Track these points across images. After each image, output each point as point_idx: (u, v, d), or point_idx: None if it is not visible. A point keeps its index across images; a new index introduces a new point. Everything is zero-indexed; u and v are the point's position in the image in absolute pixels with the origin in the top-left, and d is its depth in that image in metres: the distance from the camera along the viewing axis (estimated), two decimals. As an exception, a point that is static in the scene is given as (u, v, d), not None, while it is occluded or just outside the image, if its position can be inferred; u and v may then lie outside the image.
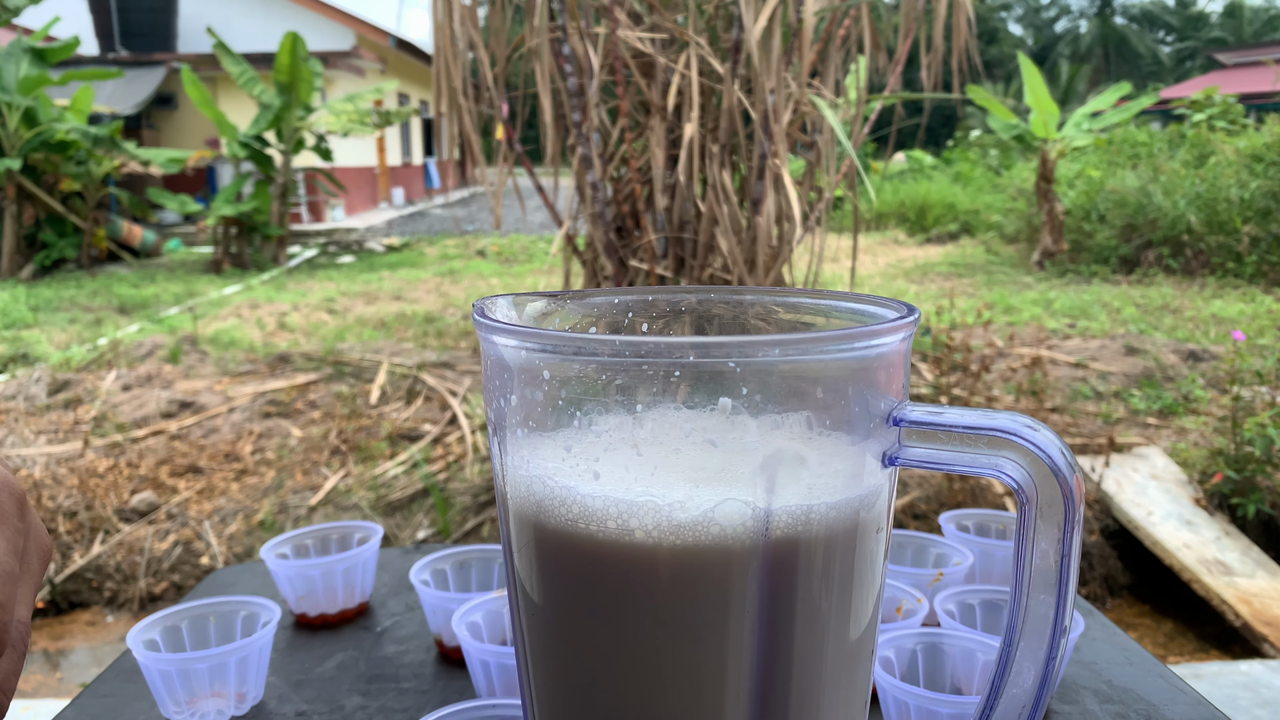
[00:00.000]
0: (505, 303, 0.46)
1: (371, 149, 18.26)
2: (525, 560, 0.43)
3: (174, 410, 4.89)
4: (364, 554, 0.92)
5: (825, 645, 0.41)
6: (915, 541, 0.92)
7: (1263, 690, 2.63)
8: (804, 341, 0.38)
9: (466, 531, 3.78)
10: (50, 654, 3.35)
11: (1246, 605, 3.09)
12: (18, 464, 4.18)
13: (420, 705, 0.77)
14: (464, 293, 8.41)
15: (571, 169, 3.24)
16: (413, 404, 4.88)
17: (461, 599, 0.81)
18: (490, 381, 0.43)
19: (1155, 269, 8.68)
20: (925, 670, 0.73)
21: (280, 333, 6.74)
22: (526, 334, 0.40)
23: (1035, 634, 0.41)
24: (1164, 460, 3.98)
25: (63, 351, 6.07)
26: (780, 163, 2.93)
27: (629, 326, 0.50)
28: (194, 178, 14.46)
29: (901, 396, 0.41)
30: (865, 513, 0.41)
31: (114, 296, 8.54)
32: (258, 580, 1.02)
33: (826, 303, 0.48)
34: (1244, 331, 4.71)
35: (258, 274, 10.30)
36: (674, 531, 0.38)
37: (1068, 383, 4.97)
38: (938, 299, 7.05)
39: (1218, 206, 8.55)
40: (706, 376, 0.38)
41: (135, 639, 0.75)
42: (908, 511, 3.71)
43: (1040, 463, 0.38)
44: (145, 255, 11.74)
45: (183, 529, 3.84)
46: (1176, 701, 0.75)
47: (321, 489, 4.05)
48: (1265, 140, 8.96)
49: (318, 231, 14.41)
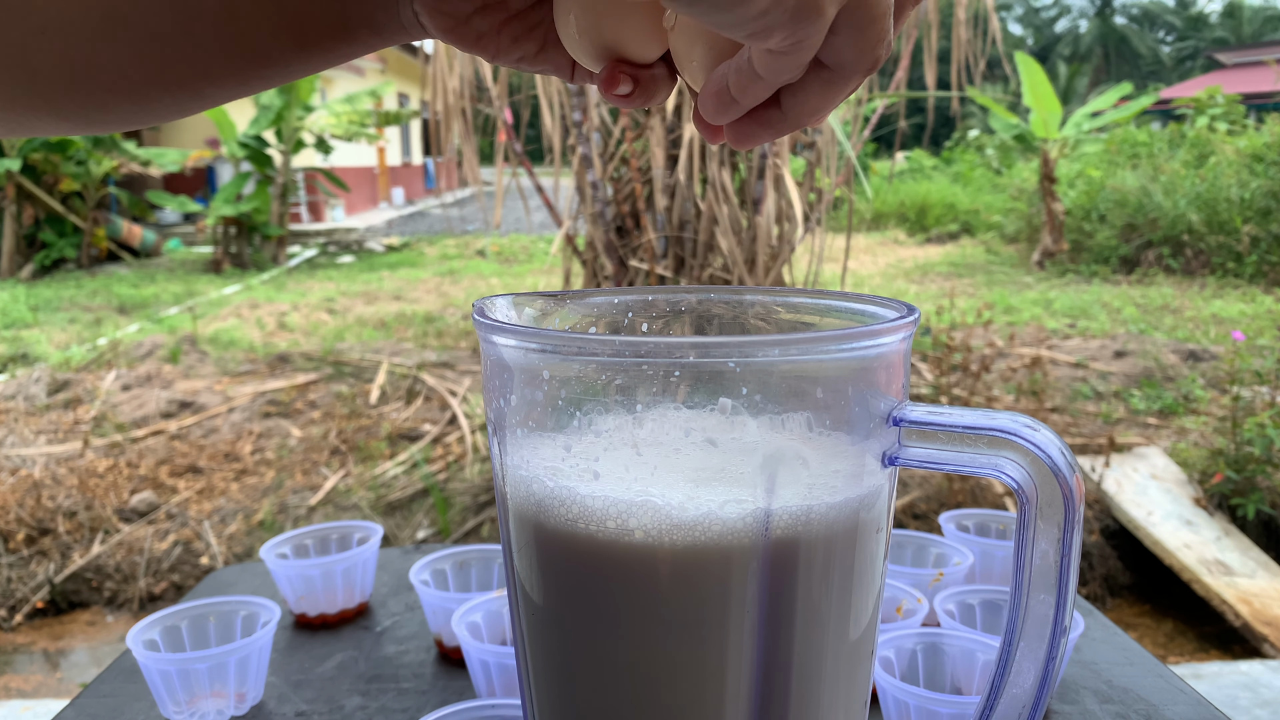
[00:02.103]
0: (505, 303, 0.46)
1: (371, 149, 18.26)
2: (525, 560, 0.43)
3: (174, 410, 4.89)
4: (364, 554, 0.92)
5: (825, 645, 0.41)
6: (915, 541, 0.92)
7: (1263, 690, 2.63)
8: (804, 341, 0.38)
9: (466, 531, 3.79)
10: (50, 654, 3.35)
11: (1246, 605, 3.09)
12: (17, 464, 4.18)
13: (420, 705, 0.77)
14: (464, 293, 8.41)
15: (572, 169, 3.24)
16: (412, 404, 4.88)
17: (461, 599, 0.81)
18: (490, 381, 0.43)
19: (1155, 269, 8.68)
20: (925, 670, 0.73)
21: (280, 333, 6.74)
22: (526, 334, 0.40)
23: (1035, 634, 0.41)
24: (1164, 460, 3.98)
25: (62, 351, 6.07)
26: (781, 163, 2.93)
27: (629, 326, 0.50)
28: (193, 178, 14.45)
29: (901, 396, 0.41)
30: (865, 513, 0.41)
31: (114, 296, 8.54)
32: (258, 580, 1.02)
33: (826, 303, 0.48)
34: (1244, 331, 4.71)
35: (257, 274, 10.30)
36: (674, 531, 0.38)
37: (1068, 383, 4.97)
38: (938, 299, 7.05)
39: (1218, 206, 8.55)
40: (706, 376, 0.38)
41: (135, 639, 0.75)
42: (908, 511, 3.71)
43: (1040, 463, 0.38)
44: (145, 255, 11.74)
45: (182, 529, 3.84)
46: (1176, 701, 0.75)
47: (321, 489, 4.05)
48: (1265, 140, 8.96)
49: (317, 231, 14.41)
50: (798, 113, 0.36)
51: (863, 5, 0.31)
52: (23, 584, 3.60)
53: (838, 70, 0.34)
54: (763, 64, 0.33)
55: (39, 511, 3.85)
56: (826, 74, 0.34)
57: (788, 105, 0.36)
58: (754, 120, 0.37)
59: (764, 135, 0.37)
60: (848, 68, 0.33)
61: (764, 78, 0.34)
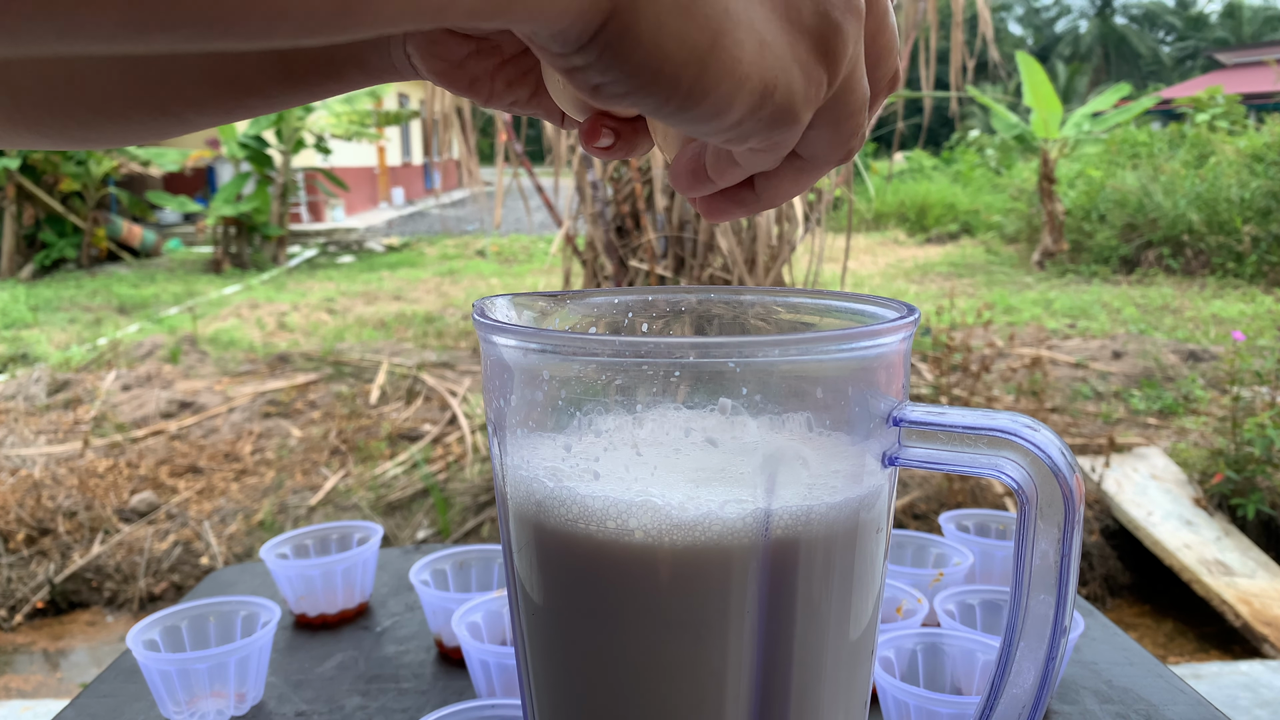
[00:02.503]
0: (505, 303, 0.46)
1: (371, 149, 18.27)
2: (525, 560, 0.43)
3: (174, 410, 4.89)
4: (364, 554, 0.92)
5: (825, 645, 0.41)
6: (915, 541, 0.92)
7: (1263, 690, 2.63)
8: (804, 341, 0.38)
9: (466, 531, 3.79)
10: (50, 654, 3.35)
11: (1246, 605, 3.09)
12: (17, 464, 4.18)
13: (420, 705, 0.77)
14: (464, 293, 8.41)
15: (572, 169, 3.24)
16: (412, 404, 4.88)
17: (461, 599, 0.81)
18: (490, 381, 0.43)
19: (1155, 269, 8.68)
20: (925, 670, 0.73)
21: (280, 333, 6.74)
22: (526, 334, 0.40)
23: (1035, 634, 0.41)
24: (1164, 460, 3.98)
25: (62, 351, 6.07)
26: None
27: (629, 326, 0.50)
28: (193, 178, 14.45)
29: (901, 396, 0.41)
30: (865, 513, 0.41)
31: (114, 296, 8.54)
32: (257, 580, 1.02)
33: (826, 303, 0.48)
34: (1244, 331, 4.71)
35: (257, 274, 10.30)
36: (674, 531, 0.38)
37: (1068, 383, 4.97)
38: (938, 299, 7.05)
39: (1218, 206, 8.55)
40: (706, 376, 0.38)
41: (135, 639, 0.75)
42: (908, 511, 3.71)
43: (1040, 463, 0.38)
44: (145, 255, 11.74)
45: (182, 529, 3.85)
46: (1176, 701, 0.75)
47: (321, 489, 4.05)
48: (1265, 140, 8.96)
49: (317, 231, 14.41)
50: (771, 195, 0.36)
51: (839, 103, 0.32)
52: (23, 584, 3.60)
53: (812, 160, 0.34)
54: (740, 155, 0.34)
55: (39, 512, 3.85)
56: (801, 163, 0.35)
57: (761, 188, 0.36)
58: (727, 198, 0.37)
59: (736, 213, 0.38)
60: (821, 159, 0.34)
61: (740, 165, 0.34)
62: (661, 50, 0.26)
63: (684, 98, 0.28)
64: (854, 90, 0.32)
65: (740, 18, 0.27)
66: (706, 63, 0.27)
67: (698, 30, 0.27)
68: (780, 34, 0.29)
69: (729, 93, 0.28)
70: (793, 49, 0.29)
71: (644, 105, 0.28)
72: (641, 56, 0.26)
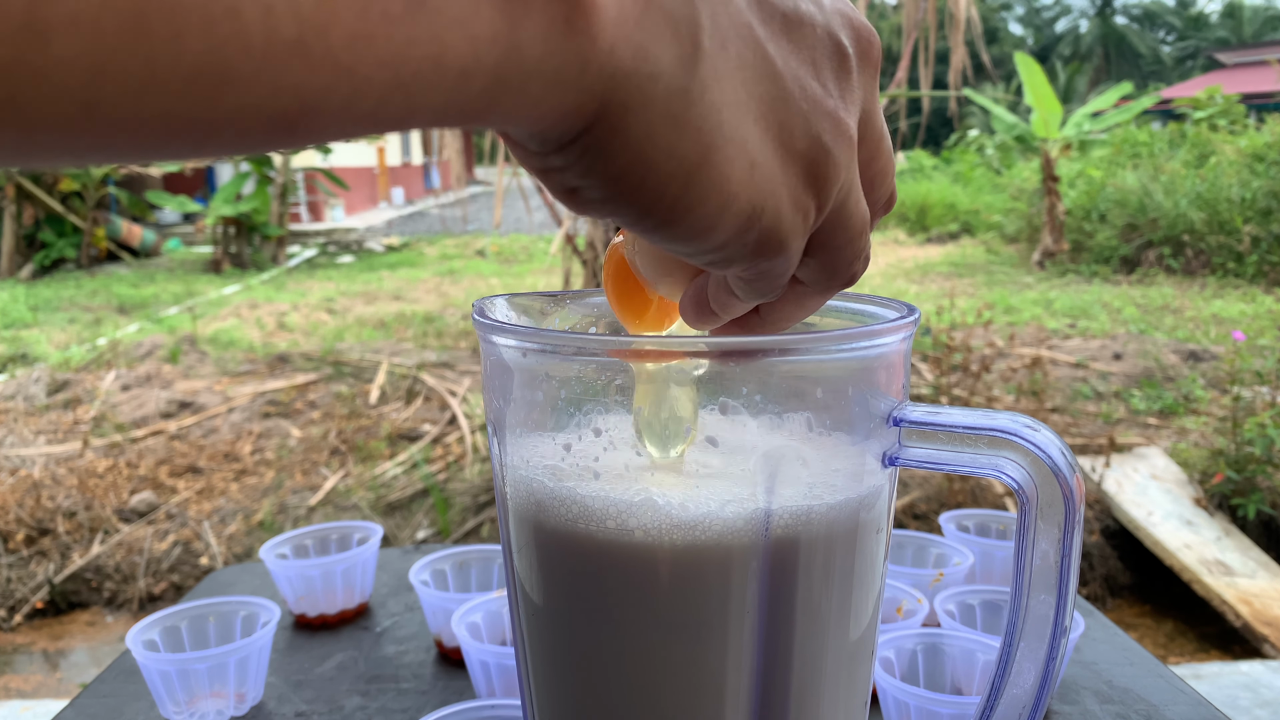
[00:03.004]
0: (504, 303, 0.46)
1: (371, 149, 18.27)
2: (525, 560, 0.43)
3: (173, 410, 4.89)
4: (364, 554, 0.92)
5: (825, 645, 0.41)
6: (915, 541, 0.92)
7: (1263, 690, 2.63)
8: (804, 341, 0.38)
9: (466, 531, 3.79)
10: (50, 654, 3.35)
11: (1247, 605, 3.09)
12: (17, 464, 4.18)
13: (420, 705, 0.77)
14: (464, 293, 8.41)
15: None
16: (412, 404, 4.88)
17: (461, 599, 0.81)
18: (490, 381, 0.43)
19: (1156, 269, 8.68)
20: (925, 670, 0.73)
21: (280, 333, 6.74)
22: (526, 334, 0.40)
23: (1035, 634, 0.41)
24: (1164, 460, 3.98)
25: (62, 351, 6.07)
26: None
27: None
28: (193, 178, 14.46)
29: (901, 396, 0.41)
30: (865, 513, 0.41)
31: (113, 296, 8.54)
32: (257, 580, 1.02)
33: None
34: (1244, 331, 4.71)
35: (257, 274, 10.30)
36: (674, 531, 0.38)
37: (1068, 383, 4.97)
38: (938, 299, 7.05)
39: (1218, 206, 8.54)
40: (707, 376, 0.38)
41: (135, 639, 0.74)
42: (908, 511, 3.71)
43: (1040, 463, 0.38)
44: (144, 255, 11.74)
45: (182, 529, 3.84)
46: (1176, 702, 0.75)
47: (321, 489, 4.05)
48: (1266, 140, 8.96)
49: (317, 231, 14.41)
50: (776, 320, 0.36)
51: (838, 228, 0.31)
52: (22, 584, 3.60)
53: (813, 286, 0.34)
54: (737, 286, 0.33)
55: (39, 512, 3.85)
56: (803, 289, 0.34)
57: (766, 314, 0.36)
58: (736, 327, 0.37)
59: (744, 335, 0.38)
60: (823, 285, 0.34)
61: (740, 298, 0.34)
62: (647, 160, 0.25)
63: (666, 211, 0.26)
64: (851, 215, 0.31)
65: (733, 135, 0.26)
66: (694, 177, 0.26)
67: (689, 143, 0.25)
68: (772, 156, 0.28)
69: (714, 212, 0.27)
70: (783, 173, 0.28)
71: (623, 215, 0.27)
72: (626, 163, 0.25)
